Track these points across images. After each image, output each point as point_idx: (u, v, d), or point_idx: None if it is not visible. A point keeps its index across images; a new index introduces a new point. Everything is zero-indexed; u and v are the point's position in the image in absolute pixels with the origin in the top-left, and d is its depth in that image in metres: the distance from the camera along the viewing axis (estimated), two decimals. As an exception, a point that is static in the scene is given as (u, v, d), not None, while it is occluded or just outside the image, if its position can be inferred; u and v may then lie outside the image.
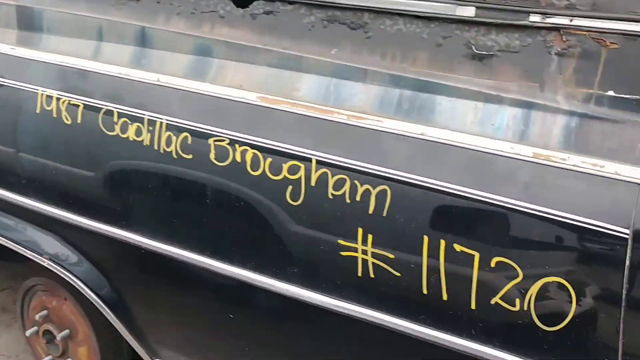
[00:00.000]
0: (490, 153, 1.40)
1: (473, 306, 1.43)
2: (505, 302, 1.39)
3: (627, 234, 1.26)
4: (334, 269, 1.60)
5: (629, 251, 1.26)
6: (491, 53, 1.45)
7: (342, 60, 1.62)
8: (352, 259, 1.55)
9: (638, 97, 1.33)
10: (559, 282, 1.33)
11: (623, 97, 1.34)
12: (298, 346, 1.74)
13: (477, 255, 1.40)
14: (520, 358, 1.41)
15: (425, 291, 1.48)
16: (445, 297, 1.46)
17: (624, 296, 1.28)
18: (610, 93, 1.35)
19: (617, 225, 1.28)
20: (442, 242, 1.43)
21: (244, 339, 1.86)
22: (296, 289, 1.65)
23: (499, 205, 1.38)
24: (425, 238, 1.45)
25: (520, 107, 1.41)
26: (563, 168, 1.33)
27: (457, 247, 1.42)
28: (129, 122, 1.85)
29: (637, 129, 1.31)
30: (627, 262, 1.27)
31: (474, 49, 1.47)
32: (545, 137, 1.38)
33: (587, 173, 1.32)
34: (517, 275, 1.36)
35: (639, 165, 1.28)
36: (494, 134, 1.42)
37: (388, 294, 1.54)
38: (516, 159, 1.38)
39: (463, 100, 1.47)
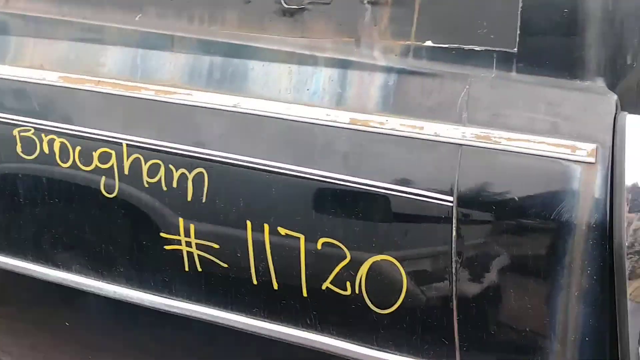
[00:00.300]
0: (306, 122, 1.29)
1: (305, 294, 1.32)
2: (336, 287, 1.29)
3: (451, 201, 1.17)
4: (159, 265, 1.47)
5: (454, 219, 1.17)
6: (302, 6, 1.32)
7: (147, 27, 1.46)
8: (177, 253, 1.43)
9: (457, 45, 1.22)
10: (387, 261, 1.23)
11: (441, 47, 1.23)
12: (134, 349, 1.61)
13: (302, 238, 1.29)
14: (358, 345, 1.31)
15: (255, 281, 1.37)
16: (275, 286, 1.35)
17: (454, 269, 1.18)
18: (428, 43, 1.24)
19: (439, 193, 1.18)
20: (266, 226, 1.32)
21: (84, 347, 1.72)
22: (124, 290, 1.52)
23: (319, 179, 1.27)
24: (249, 223, 1.33)
25: (335, 67, 1.30)
26: (381, 133, 1.23)
27: (282, 230, 1.31)
28: None
29: (457, 82, 1.21)
30: (454, 232, 1.17)
31: (283, 3, 1.33)
32: (363, 100, 1.26)
33: (406, 137, 1.21)
34: (345, 257, 1.26)
35: (460, 124, 1.18)
36: (310, 100, 1.30)
37: (218, 287, 1.43)
38: (333, 126, 1.26)
39: (277, 63, 1.34)
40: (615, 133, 1.10)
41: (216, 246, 1.38)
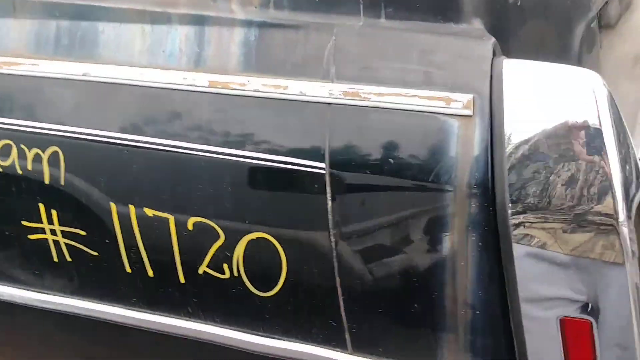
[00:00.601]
0: (163, 88, 1.21)
1: (182, 280, 1.27)
2: (214, 270, 1.24)
3: (323, 168, 1.11)
4: (27, 256, 1.41)
5: (328, 187, 1.11)
6: (150, -42, 1.24)
7: (-15, -9, 1.37)
8: (43, 243, 1.37)
9: (320, -8, 1.15)
10: (263, 238, 1.18)
11: (304, -5, 1.16)
12: (14, 349, 1.57)
13: (171, 219, 1.23)
14: (244, 333, 1.27)
15: (129, 269, 1.31)
16: (150, 273, 1.30)
17: (333, 243, 1.14)
18: (289, -9, 1.17)
19: (310, 159, 1.12)
20: (132, 208, 1.26)
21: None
22: (-7, 288, 1.46)
23: (181, 152, 1.20)
24: (113, 205, 1.27)
25: (191, 24, 1.22)
26: (243, 96, 1.16)
27: (149, 212, 1.25)
28: None
29: (323, 33, 1.14)
30: (329, 202, 1.12)
31: (129, -45, 1.25)
32: (223, 59, 1.19)
33: (270, 98, 1.14)
34: (219, 237, 1.21)
35: (328, 80, 1.11)
36: (166, 63, 1.22)
37: (91, 278, 1.37)
38: (192, 91, 1.19)
39: (128, 24, 1.26)
40: (493, 81, 1.04)
41: (83, 233, 1.32)
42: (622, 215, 0.99)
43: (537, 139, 1.02)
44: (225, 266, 1.23)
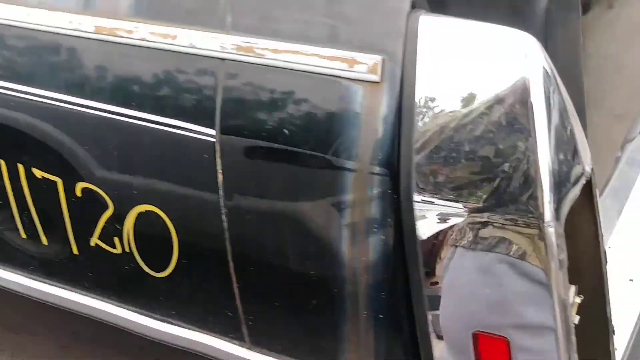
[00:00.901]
0: (49, 32, 1.09)
1: (75, 251, 1.17)
2: (105, 243, 1.13)
3: (213, 135, 0.98)
4: None
5: (218, 158, 0.98)
6: None
7: None
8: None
9: None
10: (152, 212, 1.06)
11: None
12: None
13: (60, 182, 1.13)
14: (138, 314, 1.17)
15: (24, 235, 1.22)
16: (44, 240, 1.20)
17: (225, 223, 1.01)
18: None
19: (199, 124, 0.99)
20: (20, 167, 1.16)
21: None
22: None
23: (67, 107, 1.09)
24: (2, 163, 1.17)
25: (83, -44, 1.08)
26: (130, 44, 1.03)
27: (37, 173, 1.14)
28: None
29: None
30: (220, 176, 0.99)
31: None
32: (113, 1, 1.06)
33: (157, 49, 1.01)
34: (108, 206, 1.09)
35: (223, 31, 0.97)
36: (54, 3, 1.10)
37: (-12, 241, 1.28)
38: (77, 37, 1.07)
39: (18, -45, 1.13)
40: (407, 40, 0.88)
41: (-24, 192, 1.23)
42: (548, 215, 0.83)
43: (452, 115, 0.86)
44: (116, 240, 1.12)
